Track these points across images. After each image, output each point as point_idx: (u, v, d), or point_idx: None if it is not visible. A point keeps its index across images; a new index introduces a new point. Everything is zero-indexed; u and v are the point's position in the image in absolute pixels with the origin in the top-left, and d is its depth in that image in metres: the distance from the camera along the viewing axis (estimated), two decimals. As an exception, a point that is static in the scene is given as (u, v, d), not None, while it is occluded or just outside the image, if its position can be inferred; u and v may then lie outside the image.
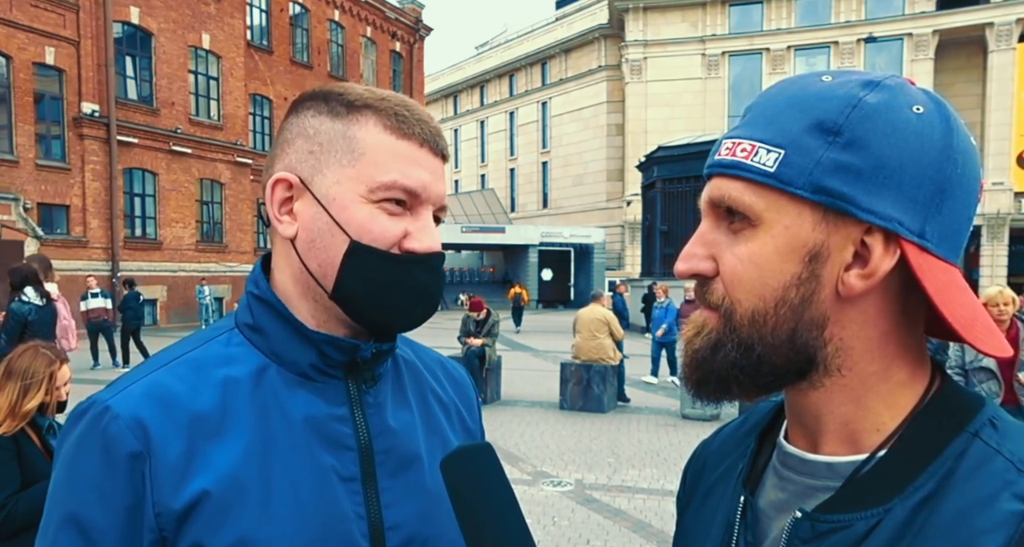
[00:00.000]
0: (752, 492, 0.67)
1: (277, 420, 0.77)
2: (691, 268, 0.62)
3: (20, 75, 17.44)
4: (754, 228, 0.58)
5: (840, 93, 0.57)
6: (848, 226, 0.57)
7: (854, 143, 0.55)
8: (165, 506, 0.71)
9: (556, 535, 4.81)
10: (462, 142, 51.71)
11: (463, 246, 38.95)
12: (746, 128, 0.61)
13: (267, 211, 0.81)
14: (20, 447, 2.36)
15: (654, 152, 20.57)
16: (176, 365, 0.78)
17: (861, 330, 0.59)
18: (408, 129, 0.78)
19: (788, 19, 34.99)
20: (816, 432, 0.63)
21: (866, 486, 0.58)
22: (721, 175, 0.61)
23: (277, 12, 24.89)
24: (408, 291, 0.78)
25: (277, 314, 0.80)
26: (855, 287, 0.57)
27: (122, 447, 0.71)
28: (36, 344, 2.55)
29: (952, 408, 0.59)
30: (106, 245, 19.27)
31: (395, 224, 0.77)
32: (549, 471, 6.37)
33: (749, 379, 0.60)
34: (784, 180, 0.57)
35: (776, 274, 0.58)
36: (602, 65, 40.47)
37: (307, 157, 0.78)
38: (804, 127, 0.57)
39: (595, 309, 9.39)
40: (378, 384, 0.84)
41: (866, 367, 0.59)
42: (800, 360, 0.59)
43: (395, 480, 0.81)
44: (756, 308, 0.59)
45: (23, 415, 2.36)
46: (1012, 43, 31.72)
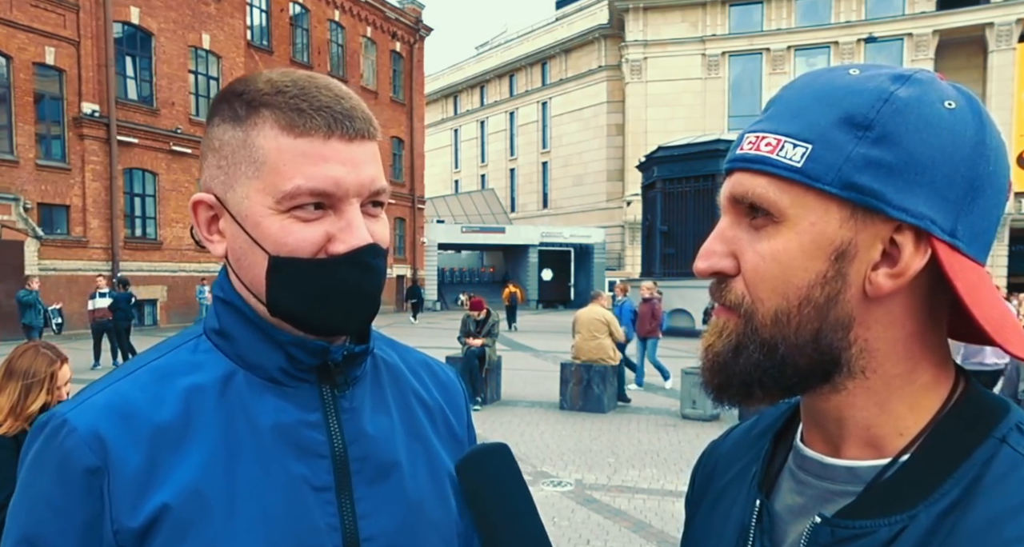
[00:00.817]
0: (767, 496, 0.66)
1: (243, 428, 0.74)
2: (711, 266, 0.60)
3: (20, 75, 17.44)
4: (778, 225, 0.57)
5: (870, 87, 0.55)
6: (877, 224, 0.55)
7: (885, 138, 0.54)
8: (123, 524, 0.68)
9: (556, 535, 4.80)
10: (462, 142, 51.70)
11: (463, 246, 38.96)
12: (770, 122, 0.59)
13: (197, 233, 0.78)
14: (19, 447, 2.36)
15: (654, 152, 20.57)
16: (140, 374, 0.76)
17: (887, 331, 0.57)
18: (306, 123, 0.71)
19: (788, 19, 34.99)
20: (836, 436, 0.61)
21: (889, 491, 0.56)
22: (744, 170, 0.59)
23: (277, 12, 24.90)
24: (343, 295, 0.73)
25: (242, 317, 0.76)
26: (883, 286, 0.55)
27: (78, 462, 0.68)
28: (37, 344, 2.54)
29: (977, 412, 0.57)
30: (106, 245, 19.27)
31: (312, 230, 0.71)
32: (549, 471, 6.37)
33: (773, 381, 0.58)
34: (812, 176, 0.55)
35: (801, 272, 0.56)
36: (602, 65, 40.47)
37: (217, 173, 0.75)
38: (833, 121, 0.55)
39: (594, 309, 9.39)
40: (354, 388, 0.80)
41: (891, 369, 0.58)
42: (825, 361, 0.57)
43: (372, 489, 0.77)
44: (779, 307, 0.57)
45: (27, 417, 2.36)
46: (1012, 43, 31.71)
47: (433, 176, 45.17)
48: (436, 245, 33.88)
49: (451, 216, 38.98)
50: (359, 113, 0.74)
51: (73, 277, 18.26)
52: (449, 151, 52.67)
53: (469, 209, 40.36)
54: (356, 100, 0.75)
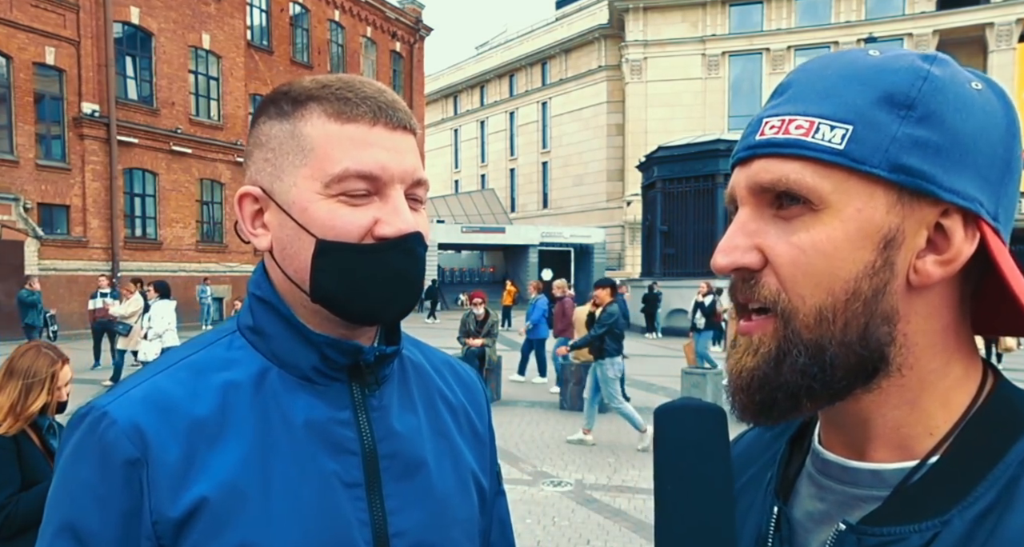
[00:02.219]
0: (785, 502, 0.62)
1: (278, 424, 0.75)
2: (734, 261, 0.55)
3: (20, 75, 17.44)
4: (817, 213, 0.52)
5: (903, 65, 0.53)
6: (924, 208, 0.52)
7: (929, 117, 0.51)
8: (163, 514, 0.69)
9: (556, 535, 4.81)
10: (462, 142, 51.70)
11: (463, 246, 38.96)
12: (794, 104, 0.55)
13: (241, 227, 0.79)
14: (20, 447, 2.36)
15: (654, 152, 20.57)
16: (176, 369, 0.77)
17: (926, 323, 0.54)
18: (353, 111, 0.74)
19: (788, 19, 35.00)
20: (861, 437, 0.57)
21: (918, 495, 0.52)
22: (771, 156, 0.54)
23: (277, 12, 24.89)
24: (385, 280, 0.74)
25: (279, 315, 0.78)
26: (932, 275, 0.52)
27: (119, 453, 0.69)
28: (38, 344, 2.55)
29: (1010, 408, 0.54)
30: (106, 245, 19.27)
31: (360, 214, 0.73)
32: (549, 471, 6.37)
33: (822, 386, 0.53)
34: (856, 158, 0.51)
35: (848, 264, 0.52)
36: (602, 65, 40.47)
37: (264, 166, 0.77)
38: (872, 101, 0.52)
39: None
40: (383, 387, 0.81)
41: (927, 364, 0.54)
42: (874, 359, 0.53)
43: (400, 485, 0.79)
44: (823, 304, 0.52)
45: (27, 417, 2.36)
46: (1012, 43, 31.71)
47: (433, 176, 45.17)
48: (436, 245, 33.87)
49: (451, 216, 38.98)
50: (401, 106, 0.77)
51: (73, 277, 18.26)
52: (449, 151, 52.66)
53: (469, 209, 40.36)
54: (397, 96, 0.79)
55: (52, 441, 2.47)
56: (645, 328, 19.77)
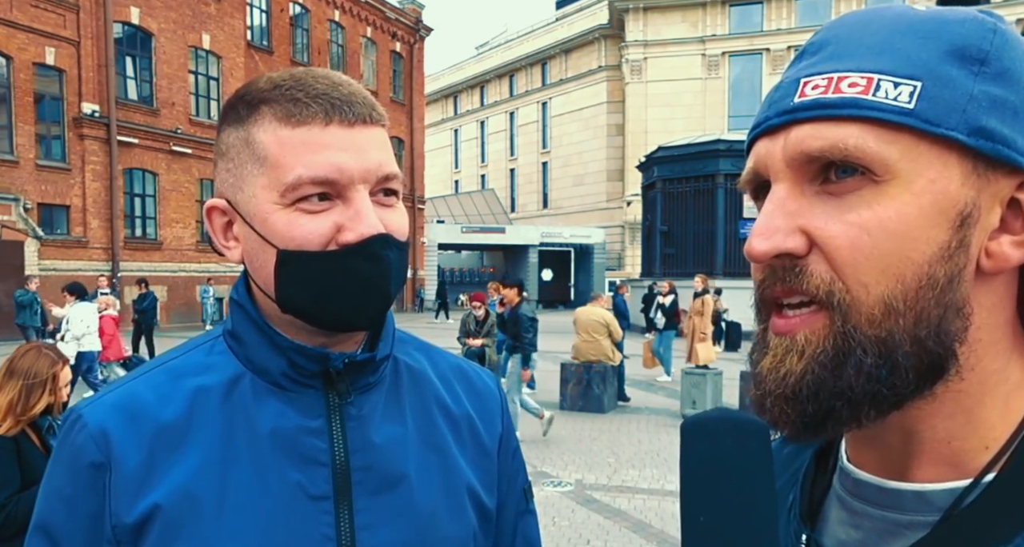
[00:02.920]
0: (812, 528, 0.54)
1: (242, 432, 0.73)
2: (776, 246, 0.46)
3: (20, 75, 17.44)
4: (879, 185, 0.44)
5: (969, 17, 0.46)
6: (1000, 180, 0.44)
7: (1004, 75, 0.44)
8: (120, 519, 0.69)
9: (556, 535, 4.81)
10: (462, 142, 51.71)
11: (463, 246, 38.97)
12: (836, 60, 0.46)
13: (214, 242, 0.78)
14: (20, 447, 2.36)
15: (654, 152, 20.58)
16: (155, 373, 0.77)
17: (990, 317, 0.46)
18: (304, 112, 0.69)
19: (788, 19, 35.00)
20: (903, 453, 0.49)
21: (975, 520, 0.45)
22: (820, 119, 0.45)
23: (277, 12, 24.90)
24: (351, 288, 0.71)
25: (251, 320, 0.76)
26: (1011, 258, 0.45)
27: (85, 457, 0.70)
28: (38, 344, 2.55)
29: None
30: (106, 245, 19.27)
31: (320, 221, 0.69)
32: (549, 471, 6.38)
33: (891, 392, 0.45)
34: (930, 119, 0.43)
35: (921, 245, 0.43)
36: (602, 65, 40.47)
37: (227, 177, 0.74)
38: (940, 54, 0.44)
39: (593, 310, 9.39)
40: (367, 395, 0.78)
41: (990, 364, 0.47)
42: (945, 357, 0.45)
43: (374, 500, 0.75)
44: (891, 293, 0.44)
45: (29, 418, 2.37)
46: (1012, 43, 31.74)
47: (433, 176, 45.16)
48: (436, 245, 33.88)
49: (451, 216, 38.99)
50: (359, 98, 0.72)
51: (73, 277, 18.25)
52: (449, 151, 52.67)
53: (469, 209, 40.37)
54: (356, 87, 0.74)
55: (52, 441, 2.47)
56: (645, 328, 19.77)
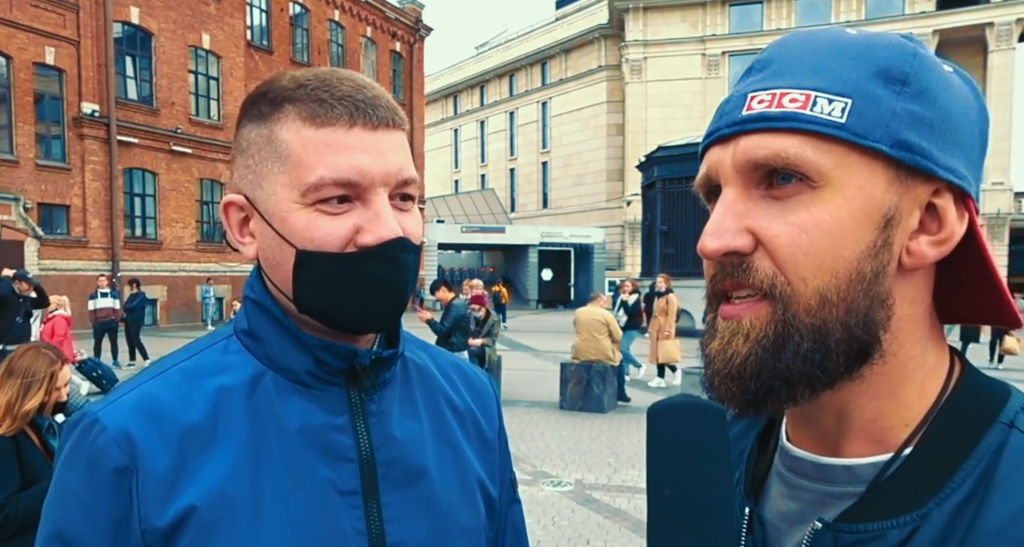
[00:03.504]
0: (756, 502, 0.61)
1: (271, 431, 0.73)
2: (725, 244, 0.52)
3: (20, 75, 17.44)
4: (815, 190, 0.50)
5: (893, 42, 0.52)
6: (918, 186, 0.51)
7: (923, 94, 0.50)
8: (151, 523, 0.68)
9: (556, 535, 4.81)
10: (462, 142, 51.70)
11: (463, 246, 38.96)
12: (779, 78, 0.52)
13: (229, 236, 0.78)
14: (19, 447, 2.36)
15: (654, 152, 20.57)
16: (170, 374, 0.75)
17: (910, 308, 0.53)
18: (328, 113, 0.70)
19: (788, 19, 35.01)
20: (834, 431, 0.55)
21: (895, 490, 0.51)
22: (764, 131, 0.51)
23: (277, 12, 24.89)
24: (368, 290, 0.71)
25: (272, 318, 0.76)
26: (927, 256, 0.51)
27: (109, 461, 0.68)
28: (38, 344, 2.55)
29: (980, 396, 0.53)
30: (106, 245, 19.27)
31: (339, 223, 0.70)
32: (549, 471, 6.37)
33: (824, 374, 0.51)
34: (859, 132, 0.49)
35: (851, 243, 0.50)
36: (602, 65, 40.47)
37: (246, 173, 0.74)
38: (867, 74, 0.50)
39: (594, 310, 9.39)
40: (383, 391, 0.79)
41: (909, 350, 0.53)
42: (871, 343, 0.51)
43: (400, 493, 0.76)
44: (825, 286, 0.50)
45: (23, 415, 2.36)
46: (1012, 43, 31.73)
47: (433, 176, 45.18)
48: (436, 245, 33.87)
49: (451, 216, 38.98)
50: (383, 102, 0.73)
51: (73, 277, 18.25)
52: (449, 151, 52.66)
53: (469, 209, 40.37)
54: (380, 90, 0.74)
55: (52, 441, 2.47)
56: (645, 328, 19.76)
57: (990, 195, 31.52)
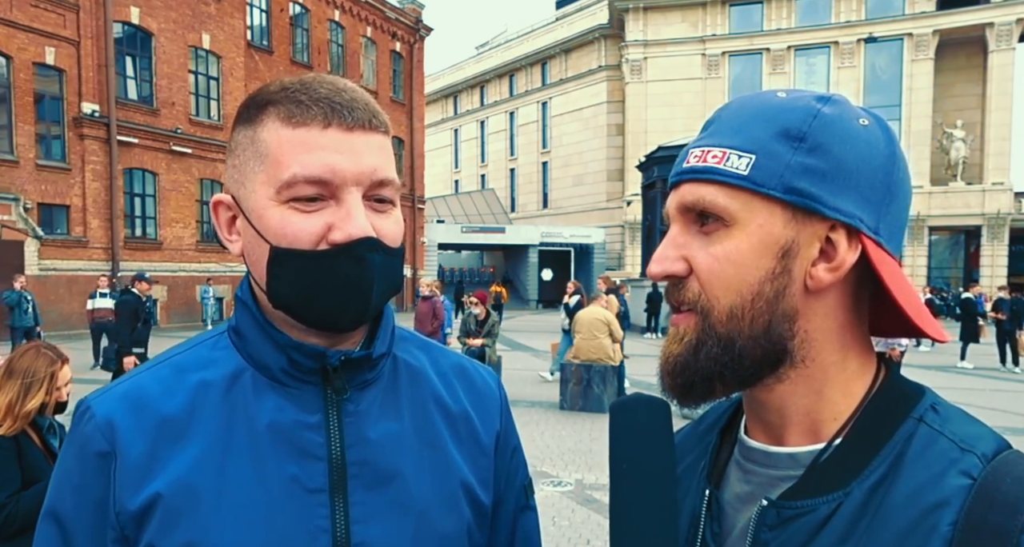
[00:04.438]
0: (716, 487, 0.71)
1: (242, 426, 0.75)
2: (665, 269, 0.65)
3: (20, 75, 17.43)
4: (728, 228, 0.62)
5: (800, 105, 0.63)
6: (815, 224, 0.62)
7: (817, 148, 0.61)
8: (124, 506, 0.72)
9: (556, 535, 4.80)
10: (462, 142, 51.70)
11: (463, 246, 38.96)
12: (713, 138, 0.65)
13: (219, 235, 0.81)
14: (21, 447, 2.36)
15: (654, 152, 20.56)
16: (161, 367, 0.80)
17: (823, 322, 0.63)
18: (305, 114, 0.72)
19: (788, 19, 34.98)
20: (778, 425, 0.66)
21: (826, 472, 0.62)
22: (693, 181, 0.64)
23: (277, 12, 24.89)
24: (335, 287, 0.73)
25: (252, 317, 0.78)
26: (823, 280, 0.62)
27: (93, 445, 0.74)
28: (38, 344, 2.55)
29: (898, 396, 0.64)
30: (106, 245, 19.26)
31: (311, 221, 0.72)
32: (549, 471, 6.37)
33: (732, 373, 0.63)
34: (757, 182, 0.61)
35: (752, 270, 0.62)
36: (602, 65, 40.45)
37: (233, 172, 0.78)
38: (771, 134, 0.62)
39: (595, 310, 9.39)
40: (364, 392, 0.80)
41: (827, 357, 0.64)
42: (777, 351, 0.63)
43: (369, 494, 0.77)
44: (733, 304, 0.62)
45: (23, 415, 2.36)
46: (1012, 43, 31.71)
47: (433, 176, 45.15)
48: (436, 245, 33.87)
49: (451, 216, 38.98)
50: (360, 104, 0.74)
51: (73, 277, 18.25)
52: (449, 151, 52.66)
53: (469, 209, 40.36)
54: (360, 93, 0.76)
55: (52, 441, 2.47)
56: (645, 328, 19.79)
57: (990, 195, 31.49)
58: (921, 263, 32.98)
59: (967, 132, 32.88)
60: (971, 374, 13.06)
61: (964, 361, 13.90)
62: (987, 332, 15.19)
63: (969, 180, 32.54)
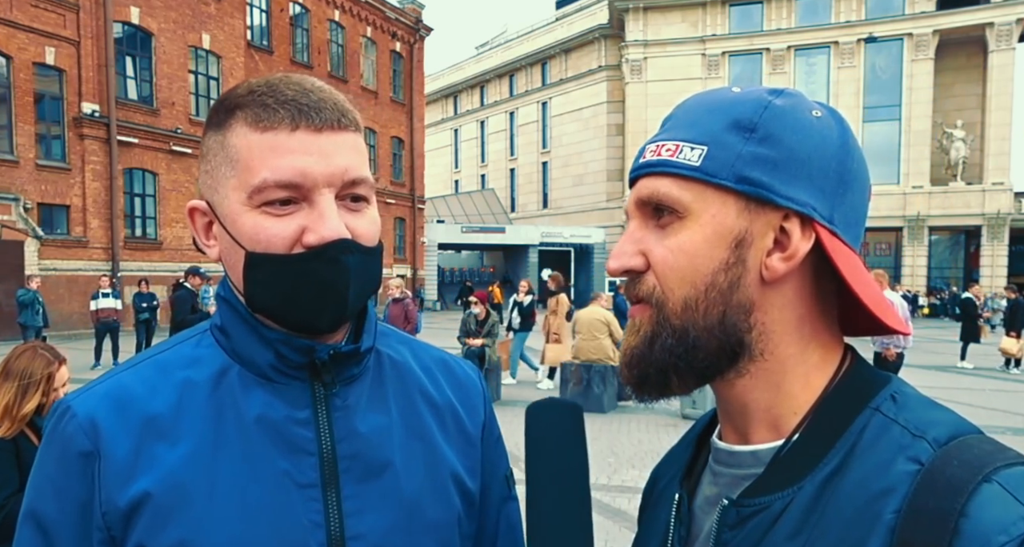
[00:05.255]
0: (691, 492, 0.71)
1: (231, 422, 0.75)
2: (622, 265, 0.65)
3: (20, 75, 17.44)
4: (682, 220, 0.62)
5: (752, 97, 0.63)
6: (768, 213, 0.61)
7: (768, 138, 0.61)
8: (111, 505, 0.71)
9: (556, 535, 4.80)
10: (462, 142, 51.71)
11: (463, 246, 38.96)
12: (668, 132, 0.65)
13: (197, 240, 0.81)
14: (19, 448, 2.36)
15: (654, 152, 20.56)
16: (143, 366, 0.79)
17: (781, 314, 0.63)
18: (271, 117, 0.72)
19: (788, 19, 35.00)
20: (744, 423, 0.66)
21: (783, 468, 0.61)
22: (648, 175, 0.65)
23: (277, 12, 24.90)
24: (312, 290, 0.73)
25: (237, 314, 0.78)
26: (778, 269, 0.61)
27: (75, 446, 0.72)
28: (35, 344, 2.54)
29: (858, 386, 0.63)
30: (106, 245, 19.27)
31: (284, 224, 0.72)
32: (549, 471, 6.37)
33: (687, 365, 0.63)
34: (709, 172, 0.61)
35: (706, 261, 0.61)
36: (602, 65, 40.47)
37: (206, 178, 0.77)
38: (723, 126, 0.62)
39: (595, 310, 9.40)
40: (351, 386, 0.80)
41: (785, 350, 0.63)
42: (732, 343, 0.62)
43: (361, 487, 0.77)
44: (687, 295, 0.62)
45: (21, 418, 2.36)
46: (1012, 43, 31.71)
47: (433, 176, 45.16)
48: (436, 245, 33.88)
49: (451, 216, 38.98)
50: (328, 104, 0.74)
51: (73, 277, 18.26)
52: (449, 151, 52.67)
53: (469, 209, 40.37)
54: (328, 93, 0.76)
55: (51, 441, 2.47)
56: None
57: (990, 195, 31.49)
58: (921, 263, 33.00)
59: (967, 132, 32.89)
60: (971, 374, 13.06)
61: (964, 361, 13.89)
62: (987, 332, 15.17)
63: (969, 180, 32.55)
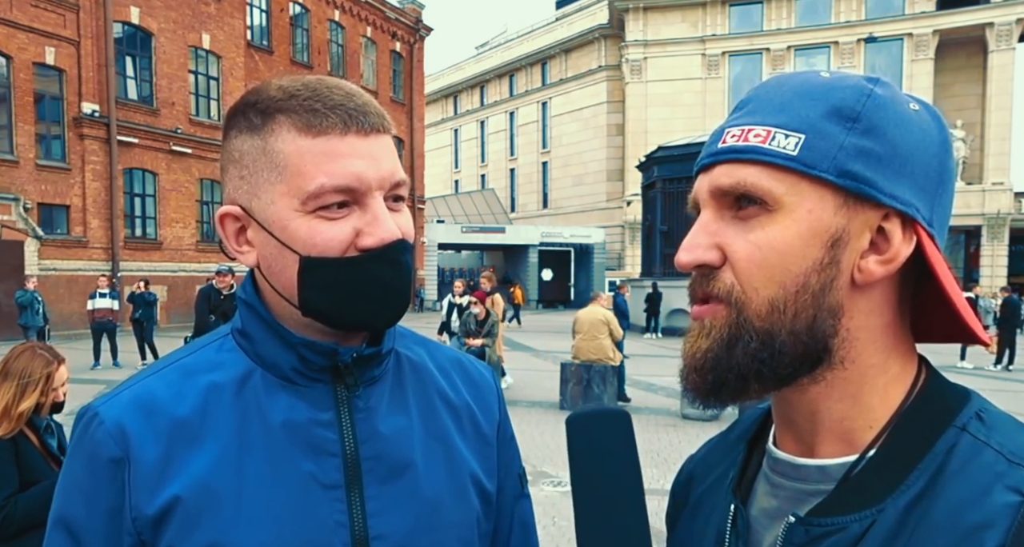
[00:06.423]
0: (743, 501, 0.66)
1: (256, 425, 0.76)
2: (696, 258, 0.59)
3: (20, 75, 17.44)
4: (771, 213, 0.57)
5: (850, 84, 0.58)
6: (867, 211, 0.56)
7: (872, 130, 0.56)
8: (140, 511, 0.72)
9: (556, 535, 4.80)
10: (462, 142, 51.72)
11: (463, 246, 38.96)
12: (753, 116, 0.59)
13: (226, 246, 0.80)
14: (19, 448, 2.35)
15: (654, 152, 20.57)
16: (168, 371, 0.79)
17: (867, 320, 0.58)
18: (323, 122, 0.72)
19: (788, 19, 35.00)
20: (810, 433, 0.61)
21: (858, 487, 0.57)
22: (732, 161, 0.58)
23: (277, 12, 24.89)
24: (371, 292, 0.74)
25: (260, 318, 0.79)
26: (875, 273, 0.57)
27: (104, 452, 0.73)
28: (34, 344, 2.54)
29: (939, 402, 0.59)
30: (106, 245, 19.26)
31: (340, 228, 0.73)
32: (549, 471, 6.38)
33: (771, 371, 0.58)
34: (808, 163, 0.56)
35: (799, 260, 0.56)
36: (602, 65, 40.47)
37: (240, 183, 0.77)
38: (821, 113, 0.57)
39: (595, 310, 9.39)
40: (372, 388, 0.81)
41: (868, 359, 0.59)
42: (818, 349, 0.57)
43: (384, 488, 0.78)
44: (775, 296, 0.57)
45: (19, 417, 2.35)
46: (1012, 43, 31.72)
47: (433, 176, 45.18)
48: (436, 245, 33.89)
49: (451, 216, 38.98)
50: (372, 108, 0.75)
51: (73, 277, 18.26)
52: (449, 151, 52.68)
53: (469, 209, 40.37)
54: (367, 97, 0.77)
55: (50, 441, 2.46)
56: (645, 328, 19.78)
57: (990, 195, 31.49)
58: (921, 263, 32.96)
59: (967, 132, 32.89)
60: (971, 374, 13.05)
61: (964, 361, 13.89)
62: (987, 332, 15.15)
63: (969, 180, 32.54)
